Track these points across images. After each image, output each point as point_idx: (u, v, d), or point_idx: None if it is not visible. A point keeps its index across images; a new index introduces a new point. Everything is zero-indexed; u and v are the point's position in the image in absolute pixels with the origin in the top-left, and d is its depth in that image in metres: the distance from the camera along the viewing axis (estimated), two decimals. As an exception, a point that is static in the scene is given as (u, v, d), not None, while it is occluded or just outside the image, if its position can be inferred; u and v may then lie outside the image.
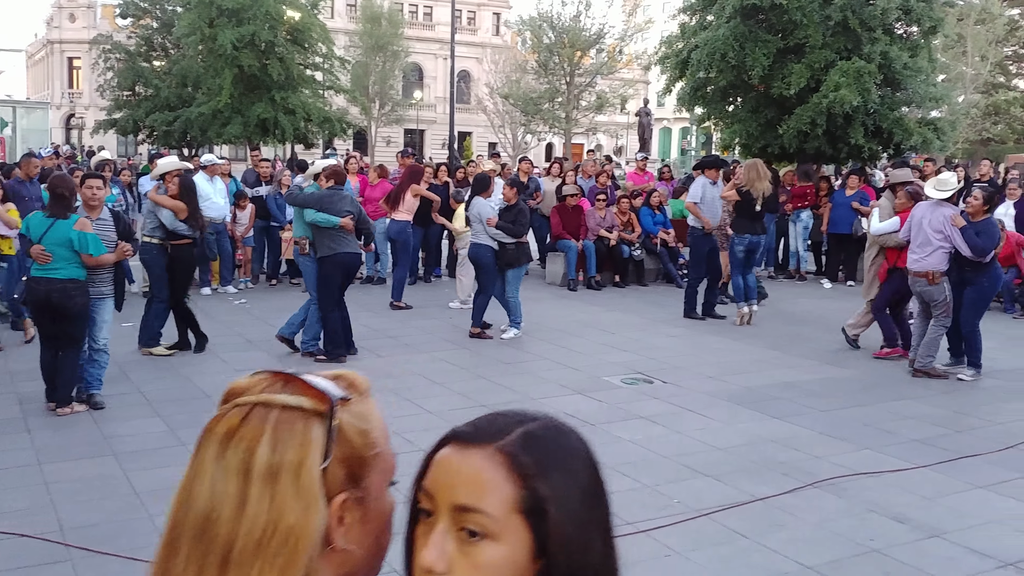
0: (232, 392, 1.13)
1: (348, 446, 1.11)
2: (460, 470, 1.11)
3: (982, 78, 41.07)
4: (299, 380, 1.13)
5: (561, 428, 1.17)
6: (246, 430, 1.08)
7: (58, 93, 66.36)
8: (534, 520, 1.08)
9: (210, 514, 1.05)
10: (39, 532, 5.20)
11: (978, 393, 9.02)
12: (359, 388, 1.19)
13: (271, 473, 1.06)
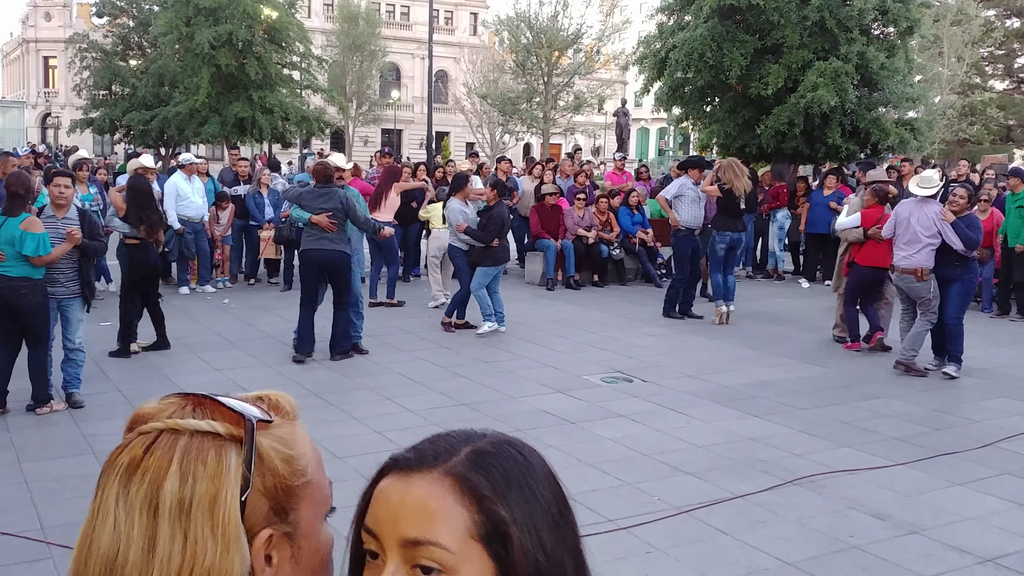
0: (137, 418, 1.02)
1: (271, 475, 1.00)
2: (404, 500, 0.99)
3: (958, 79, 41.34)
4: (212, 401, 1.02)
5: (514, 443, 1.06)
6: (151, 461, 0.96)
7: (34, 92, 65.84)
8: (494, 546, 0.98)
9: (115, 559, 0.94)
10: (19, 530, 5.18)
11: (956, 391, 9.09)
12: (284, 410, 1.08)
13: (182, 509, 0.94)
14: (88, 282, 8.03)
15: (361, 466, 6.40)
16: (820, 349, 10.87)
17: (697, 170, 12.67)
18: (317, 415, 7.69)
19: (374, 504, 1.02)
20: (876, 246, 10.66)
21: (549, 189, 15.49)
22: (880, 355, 10.59)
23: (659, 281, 15.61)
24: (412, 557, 0.97)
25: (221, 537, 0.94)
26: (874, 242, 10.66)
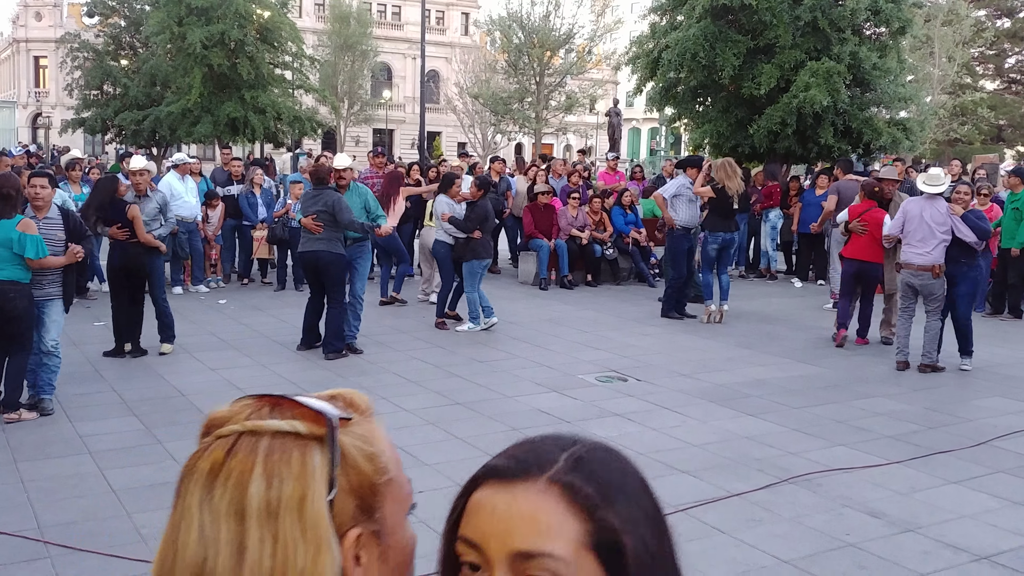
0: (212, 423, 0.99)
1: (356, 473, 0.98)
2: (512, 512, 0.95)
3: (949, 79, 41.45)
4: (290, 401, 0.99)
5: (607, 448, 1.03)
6: (234, 464, 0.94)
7: (24, 92, 65.65)
8: (606, 555, 0.94)
9: (203, 565, 0.92)
10: (16, 530, 5.17)
11: (950, 390, 9.13)
12: (360, 407, 1.05)
13: (269, 511, 0.92)
14: (70, 284, 7.86)
15: (357, 465, 6.40)
16: (813, 348, 10.90)
17: (696, 169, 12.66)
18: (313, 415, 7.69)
19: (474, 515, 0.99)
20: (857, 239, 11.00)
21: (542, 188, 15.51)
22: (873, 354, 10.64)
23: (652, 281, 15.64)
24: (523, 570, 0.93)
25: (312, 538, 0.93)
26: (856, 235, 10.99)
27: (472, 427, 7.48)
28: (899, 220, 10.04)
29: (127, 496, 5.75)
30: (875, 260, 10.91)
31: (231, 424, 0.97)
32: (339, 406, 1.02)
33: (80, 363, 9.35)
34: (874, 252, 10.88)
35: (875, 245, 10.86)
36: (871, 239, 10.91)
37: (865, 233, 10.92)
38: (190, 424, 7.35)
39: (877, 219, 10.94)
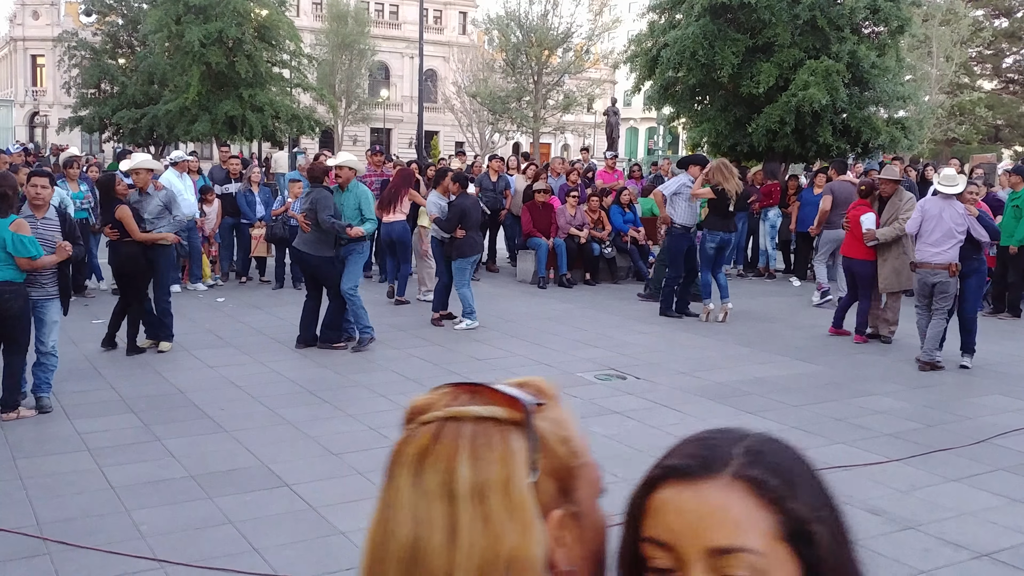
0: (415, 410, 1.04)
1: (553, 456, 1.01)
2: (702, 510, 0.97)
3: (947, 78, 41.48)
4: (487, 389, 1.03)
5: (776, 439, 1.04)
6: (440, 448, 0.98)
7: (22, 91, 65.60)
8: (799, 545, 0.96)
9: (417, 544, 0.96)
10: (15, 526, 5.16)
11: (949, 388, 9.12)
12: (548, 394, 1.07)
13: (477, 493, 0.96)
14: (66, 285, 7.78)
15: (357, 463, 6.40)
16: (812, 346, 10.89)
17: (698, 167, 12.61)
18: (311, 412, 7.70)
19: (661, 516, 1.00)
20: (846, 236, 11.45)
21: (540, 186, 15.49)
22: (872, 352, 10.64)
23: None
24: (720, 567, 0.95)
25: (519, 519, 0.95)
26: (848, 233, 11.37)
27: (471, 425, 7.46)
28: (916, 219, 10.03)
29: (125, 493, 5.73)
30: (858, 256, 11.21)
31: (433, 411, 1.02)
32: (530, 393, 1.04)
33: (78, 360, 9.33)
34: (856, 249, 11.21)
35: (855, 242, 11.21)
36: (852, 236, 11.26)
37: (847, 230, 11.35)
38: (188, 421, 7.35)
39: (856, 216, 11.19)
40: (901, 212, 10.84)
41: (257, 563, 4.81)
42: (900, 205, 10.92)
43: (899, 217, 10.82)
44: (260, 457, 6.50)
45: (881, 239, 10.88)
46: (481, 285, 15.00)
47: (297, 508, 5.58)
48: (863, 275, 11.18)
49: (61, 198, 12.23)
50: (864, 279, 11.19)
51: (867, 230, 10.99)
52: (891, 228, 10.88)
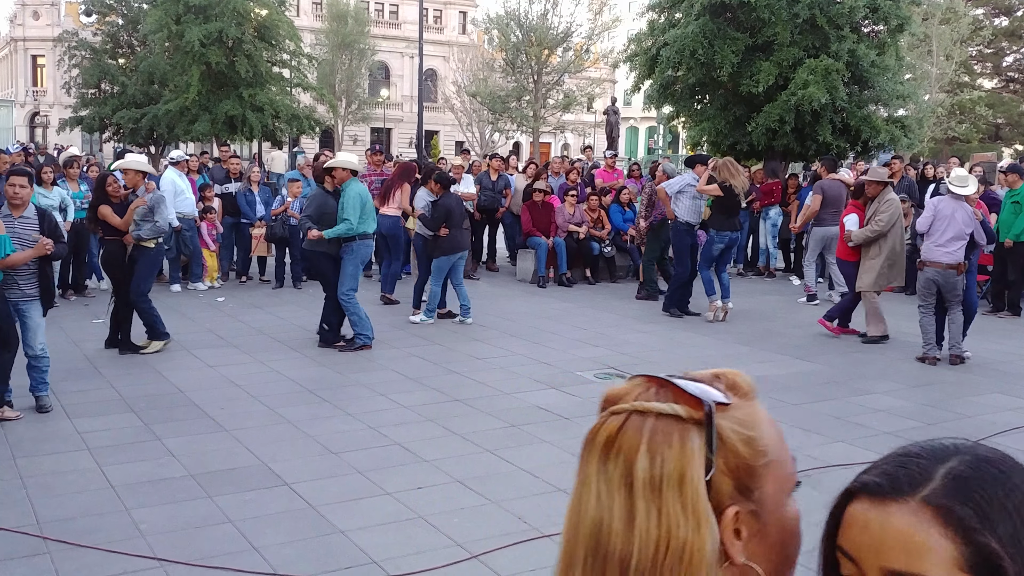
0: (609, 399, 1.08)
1: (733, 456, 1.02)
2: (885, 531, 0.97)
3: (947, 77, 41.47)
4: (672, 385, 1.05)
5: (991, 459, 1.00)
6: (624, 439, 1.02)
7: (22, 91, 65.63)
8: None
9: (600, 527, 1.01)
10: (15, 525, 5.16)
11: (947, 386, 9.13)
12: (742, 389, 1.09)
13: (653, 486, 1.00)
14: (47, 286, 7.62)
15: (356, 461, 6.41)
16: (811, 345, 10.90)
17: (703, 166, 12.57)
18: (311, 411, 7.70)
19: (849, 528, 1.03)
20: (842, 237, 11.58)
21: (540, 186, 15.49)
22: (871, 351, 10.64)
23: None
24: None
25: (692, 514, 0.99)
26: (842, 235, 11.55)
27: (470, 423, 7.48)
28: (928, 217, 10.09)
29: (125, 492, 5.74)
30: (847, 258, 11.41)
31: (623, 402, 1.06)
32: (720, 387, 1.06)
33: (78, 360, 9.34)
34: (840, 249, 11.55)
35: (840, 243, 11.56)
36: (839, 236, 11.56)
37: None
38: (188, 420, 7.36)
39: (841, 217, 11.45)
40: (877, 214, 10.87)
41: (257, 562, 4.82)
42: (878, 207, 10.91)
43: (874, 219, 10.86)
44: (260, 456, 6.51)
45: (855, 240, 10.99)
46: (481, 284, 15.02)
47: (296, 507, 5.59)
48: (845, 274, 11.55)
49: (62, 198, 12.28)
50: (847, 277, 11.52)
51: (847, 231, 11.17)
52: (864, 231, 10.96)
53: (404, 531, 5.27)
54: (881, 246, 10.89)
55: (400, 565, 4.81)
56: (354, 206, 10.08)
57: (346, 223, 10.05)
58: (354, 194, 10.15)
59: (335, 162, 10.57)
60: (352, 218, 10.04)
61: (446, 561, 4.87)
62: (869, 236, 10.87)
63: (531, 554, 5.00)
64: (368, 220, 10.32)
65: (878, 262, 10.91)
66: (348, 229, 10.06)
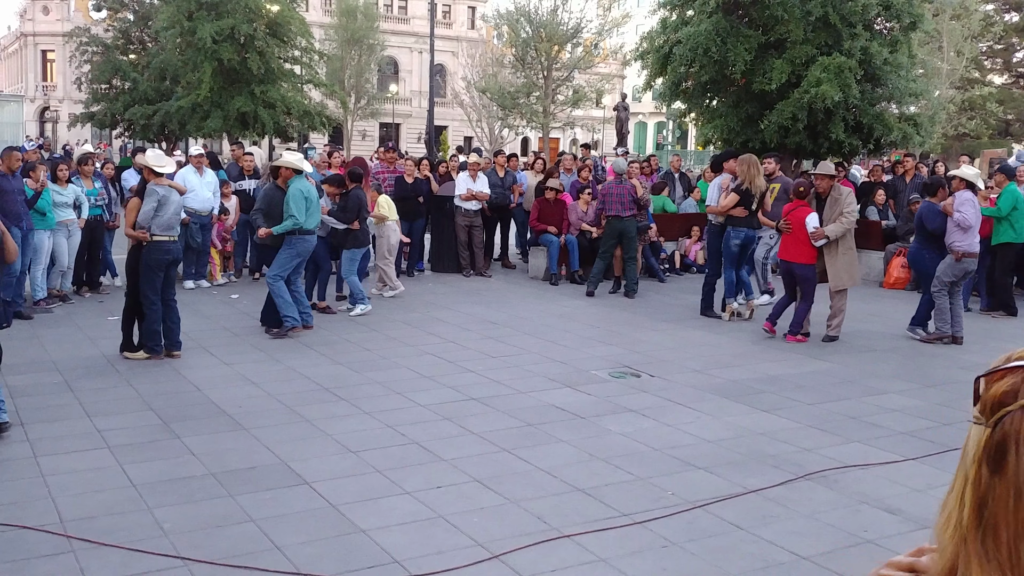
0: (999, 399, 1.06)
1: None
2: None
3: (958, 73, 41.37)
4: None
5: None
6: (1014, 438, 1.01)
7: (32, 86, 65.79)
8: None
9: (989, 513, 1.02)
10: (38, 524, 5.20)
11: (961, 386, 9.11)
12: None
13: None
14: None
15: (375, 460, 6.45)
16: (824, 344, 10.89)
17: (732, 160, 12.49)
18: (328, 409, 7.73)
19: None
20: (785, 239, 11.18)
21: (553, 184, 15.47)
22: (884, 350, 10.64)
23: (662, 276, 15.64)
24: None
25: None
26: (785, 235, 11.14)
27: (487, 422, 7.50)
28: (972, 211, 10.76)
29: (146, 490, 5.78)
30: (798, 260, 10.93)
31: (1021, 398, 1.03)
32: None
33: (95, 358, 9.39)
34: (798, 252, 10.92)
35: (799, 245, 10.90)
36: (794, 239, 10.95)
37: (789, 232, 10.99)
38: (206, 419, 7.40)
39: (799, 218, 10.90)
40: (844, 207, 10.72)
41: (279, 560, 4.85)
42: (841, 200, 10.79)
43: (844, 212, 10.69)
44: (279, 455, 6.54)
45: (832, 236, 10.69)
46: (492, 282, 15.05)
47: (317, 506, 5.62)
48: (805, 277, 10.94)
49: (76, 195, 12.31)
50: (806, 281, 10.94)
51: (815, 229, 10.72)
52: (839, 224, 10.69)
53: (425, 530, 5.30)
54: (848, 238, 10.81)
55: (421, 565, 4.84)
56: (298, 203, 10.58)
57: (292, 219, 10.59)
58: (297, 191, 10.64)
59: (281, 162, 11.16)
60: (298, 214, 10.56)
61: (467, 561, 4.90)
62: (846, 228, 10.68)
63: (552, 554, 5.03)
64: (312, 217, 10.80)
65: (850, 258, 10.81)
66: (294, 224, 10.59)
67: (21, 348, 9.32)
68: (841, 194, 10.91)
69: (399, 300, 13.07)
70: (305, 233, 10.76)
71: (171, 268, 9.62)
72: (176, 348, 9.52)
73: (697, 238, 16.72)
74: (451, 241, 15.76)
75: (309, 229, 10.79)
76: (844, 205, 10.75)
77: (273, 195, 10.87)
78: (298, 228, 10.62)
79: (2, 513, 5.37)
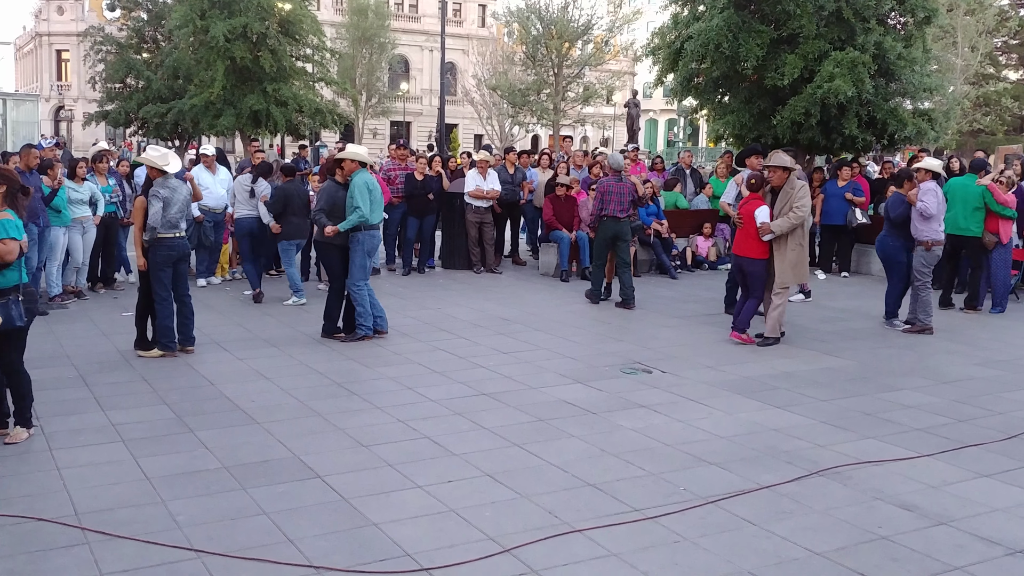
0: None
1: None
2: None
3: (972, 69, 41.18)
4: None
5: None
6: None
7: (47, 85, 66.10)
8: None
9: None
10: (55, 516, 5.23)
11: (976, 383, 9.08)
12: None
13: None
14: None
15: (387, 454, 6.45)
16: (838, 340, 10.85)
17: (756, 157, 12.28)
18: (341, 404, 7.74)
19: None
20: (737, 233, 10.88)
21: (563, 180, 15.45)
22: (900, 346, 10.60)
23: (674, 273, 15.62)
24: None
25: None
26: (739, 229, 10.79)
27: (498, 417, 7.50)
28: (935, 200, 11.07)
29: (161, 483, 5.80)
30: (748, 255, 10.59)
31: None
32: None
33: (110, 353, 9.43)
34: (748, 247, 10.56)
35: (749, 240, 10.55)
36: (745, 233, 10.60)
37: (742, 226, 10.65)
38: (220, 413, 7.42)
39: (749, 211, 10.53)
40: (795, 201, 10.30)
41: (292, 553, 4.86)
42: (793, 194, 10.35)
43: (794, 207, 10.27)
44: (292, 449, 6.56)
45: (777, 231, 10.28)
46: (503, 279, 15.06)
47: (330, 499, 5.63)
48: (754, 273, 10.56)
49: (92, 192, 12.37)
50: (755, 277, 10.57)
51: (762, 223, 10.35)
52: (786, 219, 10.28)
53: (437, 524, 5.30)
54: (799, 235, 10.43)
55: (434, 558, 4.84)
56: (363, 195, 10.09)
57: (357, 212, 10.07)
58: (362, 183, 10.13)
59: (345, 154, 10.52)
60: (363, 206, 10.06)
61: (479, 555, 4.90)
62: (794, 224, 10.26)
63: (563, 548, 5.02)
64: (376, 211, 10.35)
65: (799, 254, 10.46)
66: (360, 217, 10.08)
67: (37, 343, 9.33)
68: (794, 187, 10.40)
69: (411, 298, 13.07)
70: (371, 228, 10.31)
71: (180, 264, 9.52)
72: (190, 344, 9.55)
73: (709, 234, 16.70)
74: (462, 238, 15.76)
75: (375, 224, 10.37)
76: (795, 199, 10.29)
77: (335, 192, 10.31)
78: (364, 223, 10.14)
79: (18, 505, 5.40)
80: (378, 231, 10.65)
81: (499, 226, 16.35)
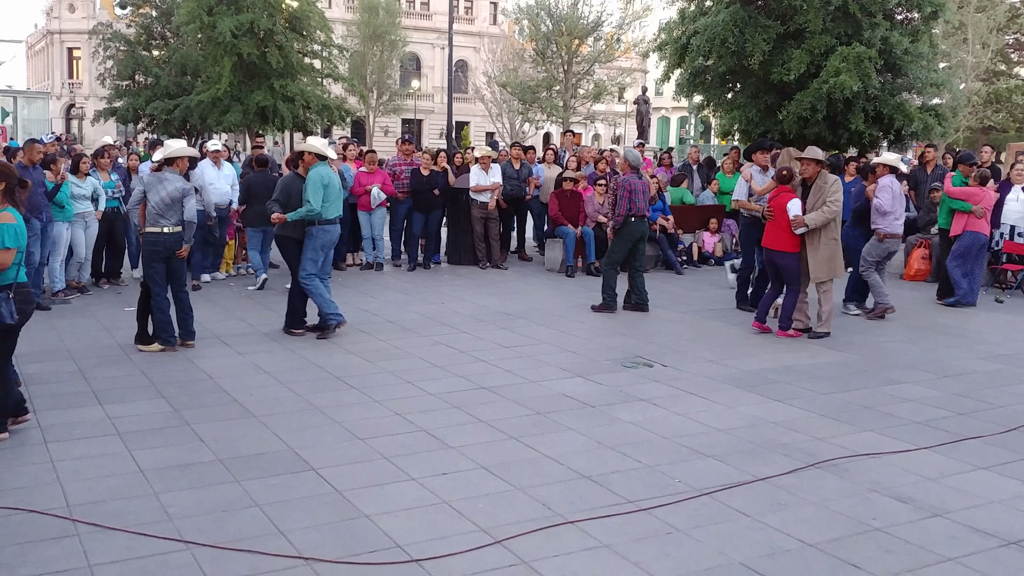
0: None
1: None
2: None
3: (983, 66, 40.98)
4: None
5: None
6: None
7: (58, 83, 66.33)
8: None
9: None
10: (46, 508, 5.23)
11: (978, 376, 9.03)
12: None
13: None
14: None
15: (383, 447, 6.44)
16: (841, 334, 10.80)
17: (762, 152, 12.20)
18: (338, 398, 7.74)
19: None
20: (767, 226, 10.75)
21: (571, 174, 15.42)
22: (901, 340, 10.55)
23: (679, 268, 15.57)
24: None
25: None
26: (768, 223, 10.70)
27: (496, 410, 7.49)
28: (889, 197, 11.42)
29: (155, 476, 5.80)
30: (780, 248, 10.50)
31: None
32: None
33: (110, 347, 9.44)
34: (780, 240, 10.49)
35: (781, 233, 10.48)
36: (776, 226, 10.50)
37: (772, 219, 10.57)
38: (217, 406, 7.42)
39: (780, 204, 10.45)
40: (828, 195, 10.26)
41: (282, 545, 4.85)
42: (826, 188, 10.31)
43: (827, 201, 10.24)
44: (287, 442, 6.55)
45: (811, 225, 10.27)
46: (508, 274, 15.04)
47: (323, 492, 5.62)
48: (788, 266, 10.51)
49: (94, 187, 12.40)
50: (789, 270, 10.51)
51: (795, 216, 10.30)
52: (820, 213, 10.26)
53: (429, 516, 5.29)
54: (832, 229, 10.39)
55: (424, 550, 4.83)
56: (315, 189, 9.89)
57: (306, 205, 9.88)
58: (317, 177, 9.94)
59: (304, 146, 10.44)
60: (314, 200, 9.86)
61: (470, 546, 4.89)
62: (828, 218, 10.23)
63: (555, 540, 5.01)
64: (332, 206, 10.13)
65: (832, 248, 10.41)
66: (308, 211, 9.89)
67: (37, 337, 9.40)
68: (827, 182, 10.37)
69: (414, 293, 13.07)
70: (326, 223, 10.10)
71: (172, 260, 9.40)
72: (190, 338, 9.55)
73: (715, 230, 16.65)
74: (467, 233, 15.75)
75: (330, 219, 10.15)
76: (828, 194, 10.27)
77: (292, 184, 10.23)
78: (316, 217, 9.97)
79: (11, 497, 5.40)
80: (335, 226, 10.31)
81: (505, 222, 16.33)
